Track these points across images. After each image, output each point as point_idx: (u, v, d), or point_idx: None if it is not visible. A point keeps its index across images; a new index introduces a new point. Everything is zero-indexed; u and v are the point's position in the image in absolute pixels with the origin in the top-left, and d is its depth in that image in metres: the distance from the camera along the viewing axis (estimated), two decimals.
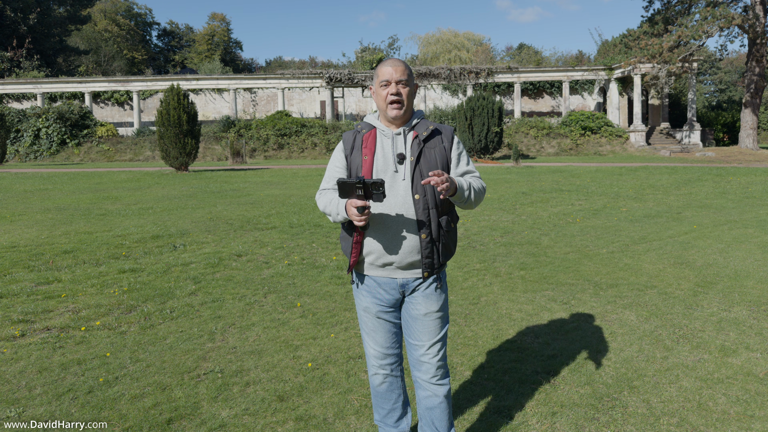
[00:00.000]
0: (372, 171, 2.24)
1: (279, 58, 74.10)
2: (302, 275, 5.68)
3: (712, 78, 65.40)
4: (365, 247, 2.28)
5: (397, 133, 2.28)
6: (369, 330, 2.40)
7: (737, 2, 31.50)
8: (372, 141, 2.29)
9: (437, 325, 2.33)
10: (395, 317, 2.38)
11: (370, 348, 2.41)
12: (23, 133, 33.68)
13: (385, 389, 2.43)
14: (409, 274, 2.28)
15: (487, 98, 27.56)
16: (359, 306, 2.41)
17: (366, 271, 2.33)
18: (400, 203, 2.21)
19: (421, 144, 2.26)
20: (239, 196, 12.90)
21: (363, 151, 2.28)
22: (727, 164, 23.28)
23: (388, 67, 2.25)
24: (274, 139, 33.35)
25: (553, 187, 14.15)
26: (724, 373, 3.32)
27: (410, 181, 2.22)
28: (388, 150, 2.27)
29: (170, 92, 21.19)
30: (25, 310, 4.53)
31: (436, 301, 2.33)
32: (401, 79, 2.24)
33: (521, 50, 61.21)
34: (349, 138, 2.35)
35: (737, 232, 7.72)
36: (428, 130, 2.29)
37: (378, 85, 2.27)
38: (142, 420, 2.84)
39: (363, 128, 2.34)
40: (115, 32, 61.63)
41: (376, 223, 2.23)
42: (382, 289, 2.32)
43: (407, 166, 2.24)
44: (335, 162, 2.37)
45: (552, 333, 4.01)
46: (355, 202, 2.09)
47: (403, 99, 2.25)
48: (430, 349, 2.32)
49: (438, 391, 2.35)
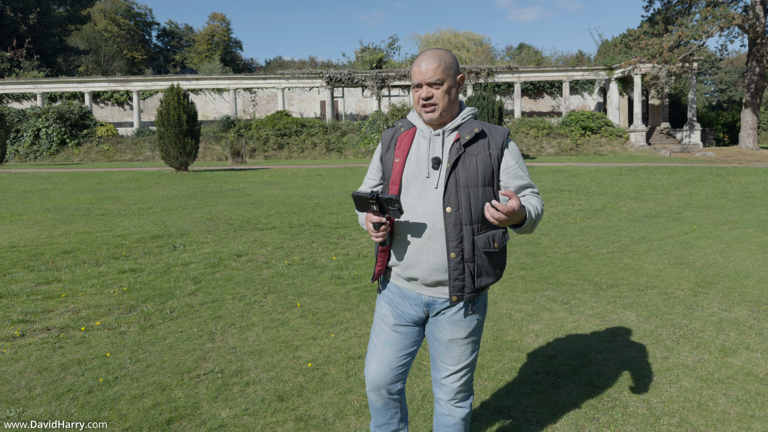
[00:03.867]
0: (401, 175, 2.00)
1: (279, 58, 74.14)
2: (302, 275, 5.68)
3: (712, 78, 65.39)
4: (392, 257, 2.06)
5: (436, 134, 2.01)
6: (380, 342, 2.12)
7: (737, 2, 31.51)
8: (408, 141, 2.04)
9: (465, 351, 2.07)
10: (412, 335, 2.11)
11: (372, 365, 2.12)
12: (23, 133, 33.68)
13: (380, 407, 2.18)
14: (436, 292, 2.02)
15: (487, 98, 27.54)
16: (377, 313, 2.17)
17: (393, 279, 2.10)
18: (429, 214, 1.95)
19: (462, 149, 1.96)
20: (239, 196, 12.89)
21: (395, 152, 2.04)
22: (728, 164, 23.28)
23: (419, 66, 1.96)
24: (274, 139, 33.34)
25: (553, 187, 14.15)
26: (725, 374, 3.32)
27: (443, 190, 1.94)
28: (423, 152, 2.01)
29: (170, 92, 21.20)
30: (25, 310, 4.53)
31: (465, 327, 2.04)
32: (432, 81, 1.94)
33: (521, 50, 61.22)
34: (387, 137, 2.12)
35: (737, 232, 7.72)
36: (472, 133, 1.97)
37: (412, 85, 2.01)
38: (142, 420, 2.84)
39: (402, 126, 2.10)
40: (115, 32, 61.64)
41: (402, 232, 2.00)
42: (407, 302, 2.06)
43: (442, 173, 1.96)
44: (373, 163, 2.16)
45: (552, 333, 4.01)
46: (371, 218, 1.90)
47: (437, 101, 1.96)
48: (452, 375, 2.10)
49: (456, 412, 2.15)
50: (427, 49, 1.99)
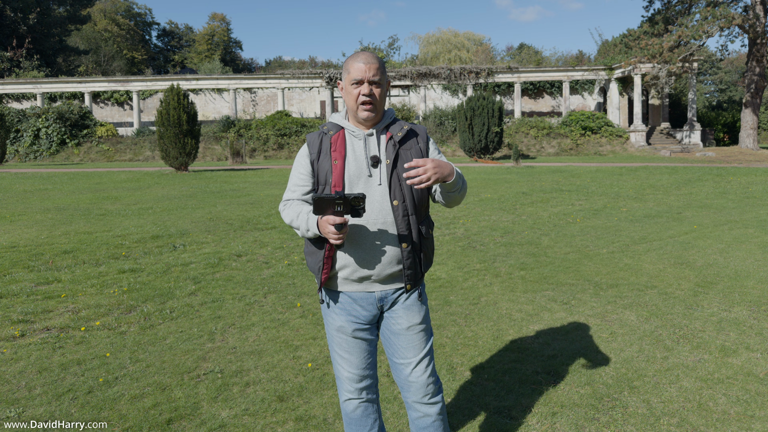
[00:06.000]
0: (344, 176, 2.03)
1: (279, 58, 74.12)
2: (302, 275, 5.68)
3: (712, 78, 65.39)
4: (338, 261, 2.06)
5: (369, 134, 2.09)
6: (343, 351, 2.15)
7: (737, 2, 31.51)
8: (341, 143, 2.07)
9: (422, 338, 2.15)
10: (372, 334, 2.17)
11: (344, 371, 2.16)
12: (23, 133, 33.68)
13: (360, 414, 2.19)
14: (388, 286, 2.09)
15: (487, 98, 27.56)
16: (331, 326, 2.17)
17: (339, 287, 2.10)
18: (376, 210, 2.02)
19: (397, 145, 2.08)
20: (239, 196, 12.89)
21: (332, 155, 2.05)
22: (728, 164, 23.28)
23: (361, 64, 2.02)
24: (274, 139, 33.35)
25: (553, 187, 14.15)
26: (725, 374, 3.32)
27: (387, 185, 2.04)
28: (360, 153, 2.07)
29: (170, 92, 21.19)
30: (25, 310, 4.53)
31: (418, 312, 2.14)
32: (374, 79, 2.02)
33: (521, 50, 61.22)
34: (315, 141, 2.11)
35: (737, 232, 7.72)
36: (403, 131, 2.11)
37: (348, 82, 2.05)
38: (142, 420, 2.84)
39: (330, 129, 2.11)
40: (115, 32, 61.65)
41: (351, 233, 2.02)
42: (359, 305, 2.10)
43: (383, 170, 2.05)
44: (299, 168, 2.13)
45: (552, 333, 4.01)
46: (331, 219, 1.89)
47: (376, 101, 2.05)
48: (417, 366, 2.13)
49: (430, 410, 2.16)
50: (361, 51, 2.08)
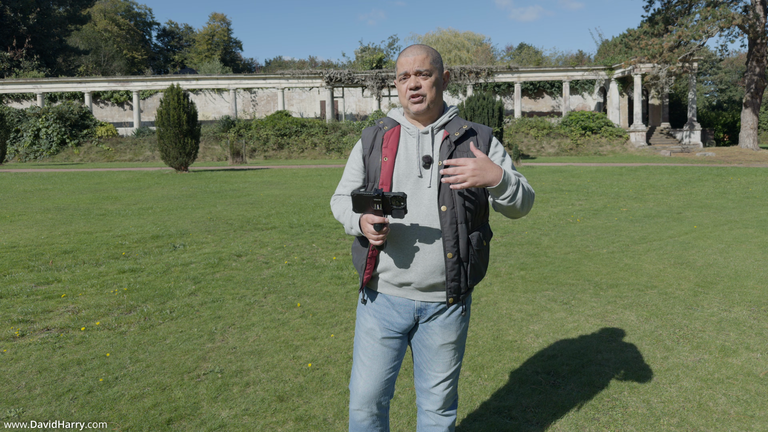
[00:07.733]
0: (392, 175, 1.91)
1: (279, 58, 74.15)
2: (302, 275, 5.68)
3: (712, 78, 65.39)
4: (381, 262, 1.96)
5: (425, 132, 1.95)
6: (366, 358, 2.03)
7: (737, 2, 31.51)
8: (394, 140, 1.96)
9: (453, 356, 2.04)
10: (400, 345, 2.04)
11: (362, 380, 2.03)
12: (23, 133, 33.69)
13: (366, 426, 2.07)
14: (430, 297, 1.96)
15: (487, 98, 27.54)
16: (361, 328, 2.06)
17: (380, 288, 2.00)
18: (423, 214, 1.89)
19: (452, 146, 1.92)
20: (239, 196, 12.89)
21: (383, 152, 1.94)
22: (728, 164, 23.28)
23: (406, 56, 1.91)
24: (274, 139, 33.35)
25: (553, 187, 14.15)
26: (725, 374, 3.32)
27: (437, 189, 1.89)
28: (413, 151, 1.94)
29: (170, 92, 21.20)
30: (25, 310, 4.53)
31: (455, 331, 2.01)
32: (421, 70, 1.89)
33: (521, 50, 61.22)
34: (369, 136, 2.01)
35: (737, 232, 7.72)
36: (461, 130, 1.94)
37: (398, 78, 1.95)
38: (142, 420, 2.84)
39: (385, 124, 2.01)
40: (115, 32, 61.64)
41: (394, 235, 1.91)
42: (396, 310, 1.99)
43: (434, 172, 1.90)
44: (352, 164, 2.05)
45: (552, 333, 4.01)
46: (371, 218, 1.79)
47: (425, 92, 1.90)
48: (443, 381, 2.05)
49: (443, 421, 2.10)
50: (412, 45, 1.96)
